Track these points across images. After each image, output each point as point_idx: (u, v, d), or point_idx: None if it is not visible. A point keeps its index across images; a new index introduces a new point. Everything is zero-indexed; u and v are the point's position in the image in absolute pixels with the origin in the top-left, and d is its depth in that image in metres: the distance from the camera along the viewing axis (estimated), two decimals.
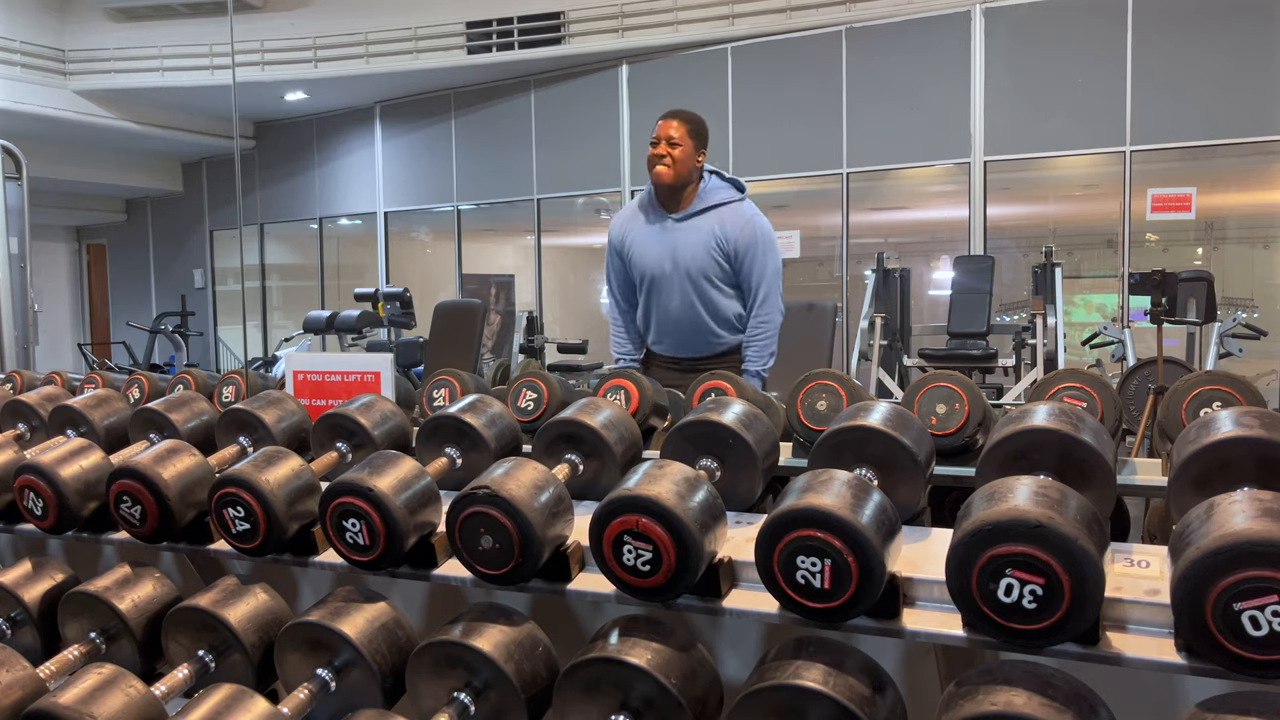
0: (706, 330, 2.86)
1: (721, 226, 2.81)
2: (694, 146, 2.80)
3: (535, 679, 1.10)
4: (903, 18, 7.81)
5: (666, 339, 2.92)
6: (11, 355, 5.86)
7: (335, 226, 11.66)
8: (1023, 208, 10.22)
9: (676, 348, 2.91)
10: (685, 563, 1.03)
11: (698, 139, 2.82)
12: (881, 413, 1.22)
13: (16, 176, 5.99)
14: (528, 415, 1.63)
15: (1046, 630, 0.88)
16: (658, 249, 2.85)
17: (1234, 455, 1.05)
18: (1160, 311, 4.46)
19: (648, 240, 2.88)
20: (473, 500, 1.12)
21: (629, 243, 2.92)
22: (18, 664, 1.13)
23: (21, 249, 5.99)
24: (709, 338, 2.87)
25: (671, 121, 2.80)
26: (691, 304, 2.83)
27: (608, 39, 8.68)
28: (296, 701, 1.11)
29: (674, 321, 2.87)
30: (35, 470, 1.43)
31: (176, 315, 11.35)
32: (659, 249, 2.85)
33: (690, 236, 2.82)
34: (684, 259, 2.82)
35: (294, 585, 1.58)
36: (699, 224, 2.83)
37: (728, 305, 2.85)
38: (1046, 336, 6.25)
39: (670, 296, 2.85)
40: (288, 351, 8.07)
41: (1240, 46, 6.85)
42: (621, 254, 2.96)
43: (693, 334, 2.87)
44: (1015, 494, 0.92)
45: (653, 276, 2.87)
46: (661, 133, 2.80)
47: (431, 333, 7.21)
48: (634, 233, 2.92)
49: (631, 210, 2.97)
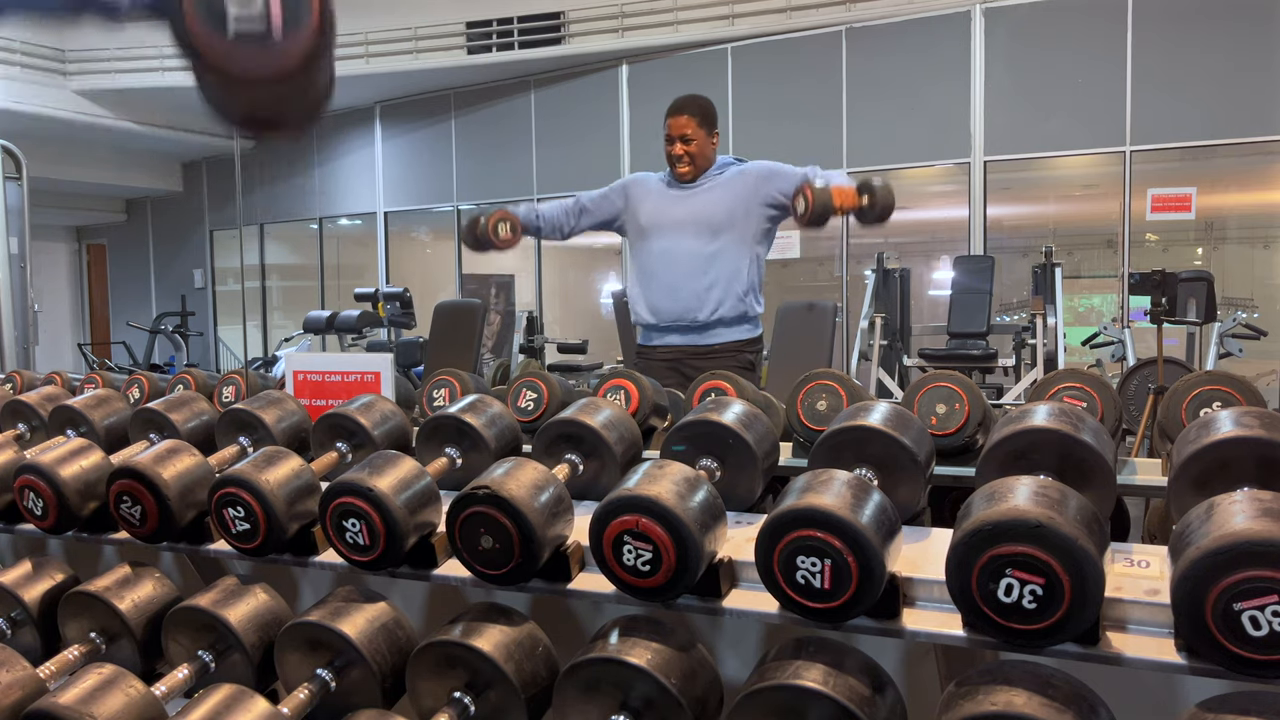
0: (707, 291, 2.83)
1: (742, 175, 2.86)
2: (707, 134, 2.86)
3: (535, 679, 1.10)
4: (903, 18, 7.81)
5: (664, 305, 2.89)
6: (11, 355, 5.86)
7: (335, 226, 11.67)
8: (1023, 208, 10.22)
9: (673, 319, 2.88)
10: (685, 563, 1.03)
11: (708, 125, 2.87)
12: (881, 413, 1.22)
13: (16, 176, 5.99)
14: (528, 415, 1.63)
15: (1046, 630, 0.88)
16: (679, 210, 2.87)
17: (1234, 455, 1.05)
18: (1160, 311, 4.46)
19: (668, 204, 2.89)
20: (473, 500, 1.12)
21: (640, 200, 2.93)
22: (18, 664, 1.13)
23: (21, 249, 6.00)
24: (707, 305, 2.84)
25: (681, 117, 2.83)
26: (702, 255, 2.82)
27: (608, 39, 8.68)
28: (296, 701, 1.11)
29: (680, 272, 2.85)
30: (35, 470, 1.42)
31: (176, 315, 11.36)
32: (680, 210, 2.87)
33: (712, 194, 2.86)
34: (705, 214, 2.83)
35: (294, 585, 1.58)
36: (719, 182, 2.87)
37: (738, 263, 2.84)
38: (1046, 336, 6.25)
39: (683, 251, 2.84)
40: (288, 351, 8.08)
41: (1240, 46, 6.85)
42: (624, 198, 2.97)
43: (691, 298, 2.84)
44: (1015, 494, 0.92)
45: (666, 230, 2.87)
46: (675, 131, 2.83)
47: (431, 333, 7.22)
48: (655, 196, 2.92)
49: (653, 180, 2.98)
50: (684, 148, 2.83)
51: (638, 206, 2.94)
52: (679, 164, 2.85)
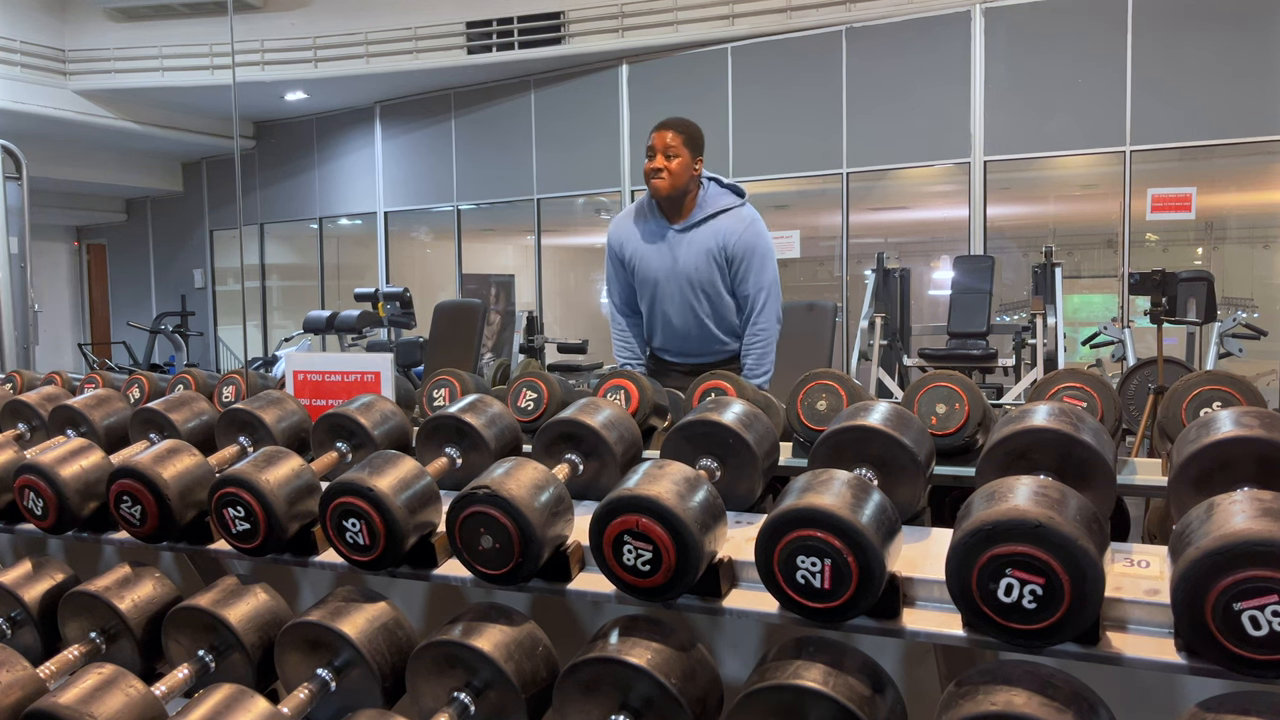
0: (711, 338, 2.87)
1: (723, 235, 2.80)
2: (690, 155, 2.77)
3: (535, 679, 1.10)
4: (903, 18, 7.81)
5: (672, 346, 2.93)
6: (11, 355, 5.86)
7: (335, 226, 11.66)
8: (1023, 208, 10.22)
9: (681, 355, 2.93)
10: (685, 563, 1.03)
11: (693, 147, 2.78)
12: (881, 413, 1.22)
13: (16, 176, 5.99)
14: (528, 415, 1.63)
15: (1046, 630, 0.88)
16: (660, 261, 2.85)
17: (1234, 455, 1.05)
18: (1160, 311, 4.46)
19: (650, 252, 2.87)
20: (473, 500, 1.12)
21: (630, 253, 2.91)
22: (18, 664, 1.13)
23: (21, 249, 6.00)
24: (713, 345, 2.88)
25: (666, 133, 2.77)
26: (695, 314, 2.84)
27: (608, 39, 8.68)
28: (296, 701, 1.11)
29: (678, 330, 2.88)
30: (35, 470, 1.42)
31: (176, 315, 11.36)
32: (661, 261, 2.84)
33: (692, 248, 2.81)
34: (686, 270, 2.81)
35: (294, 585, 1.58)
36: (700, 234, 2.82)
37: (732, 314, 2.86)
38: (1046, 336, 6.25)
39: (674, 306, 2.85)
40: (288, 351, 8.07)
41: (1240, 47, 6.85)
42: (623, 262, 2.95)
43: (698, 342, 2.88)
44: (1015, 494, 0.92)
45: (656, 286, 2.86)
46: (657, 144, 2.77)
47: (431, 333, 7.21)
48: (635, 244, 2.90)
49: (630, 217, 2.94)
50: (664, 162, 2.75)
51: (633, 265, 2.92)
52: (654, 177, 2.76)
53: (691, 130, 2.82)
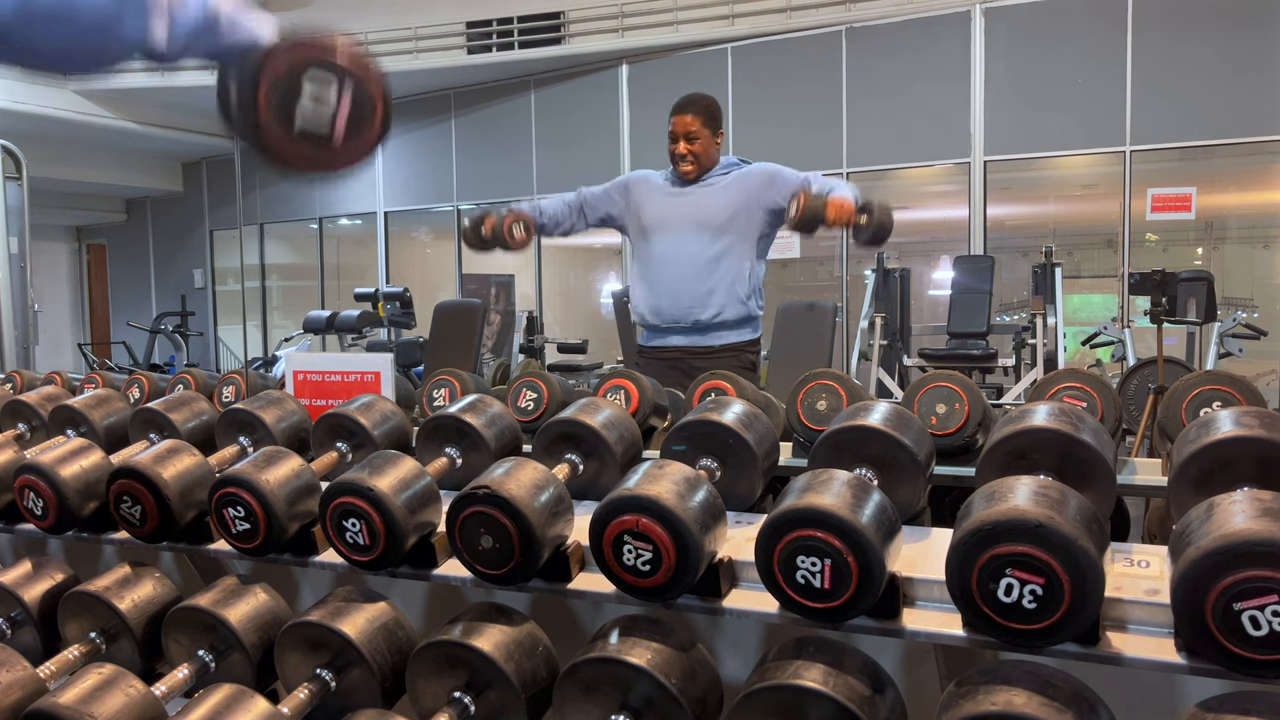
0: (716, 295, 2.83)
1: (746, 175, 2.85)
2: (711, 134, 2.84)
3: (535, 679, 1.10)
4: (903, 18, 7.81)
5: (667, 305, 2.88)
6: (11, 355, 5.86)
7: (335, 226, 11.67)
8: (1023, 208, 10.23)
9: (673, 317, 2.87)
10: (685, 563, 1.03)
11: (713, 124, 2.85)
12: (881, 413, 1.22)
13: (16, 176, 6.00)
14: (528, 415, 1.63)
15: (1046, 630, 0.88)
16: (681, 210, 2.85)
17: (1234, 455, 1.05)
18: (1160, 311, 4.46)
19: (670, 203, 2.87)
20: (473, 500, 1.12)
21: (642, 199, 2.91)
22: (18, 664, 1.13)
23: (21, 249, 6.00)
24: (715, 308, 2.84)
25: (685, 116, 2.81)
26: (707, 258, 2.81)
27: (608, 39, 8.68)
28: (296, 701, 1.11)
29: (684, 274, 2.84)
30: (35, 470, 1.42)
31: (176, 315, 11.37)
32: (683, 210, 2.85)
33: (715, 195, 2.84)
34: (708, 215, 2.82)
35: (294, 585, 1.58)
36: (722, 182, 2.86)
37: (741, 265, 2.83)
38: (1046, 336, 6.25)
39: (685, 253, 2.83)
40: (288, 351, 8.08)
41: (1240, 47, 6.85)
42: (625, 197, 2.94)
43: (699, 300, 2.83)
44: (1015, 494, 0.92)
45: (668, 227, 2.86)
46: (679, 129, 2.81)
47: (431, 333, 7.22)
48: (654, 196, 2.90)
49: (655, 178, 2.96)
50: (688, 146, 2.80)
51: (640, 205, 2.92)
52: (682, 163, 2.82)
53: (711, 108, 2.86)
